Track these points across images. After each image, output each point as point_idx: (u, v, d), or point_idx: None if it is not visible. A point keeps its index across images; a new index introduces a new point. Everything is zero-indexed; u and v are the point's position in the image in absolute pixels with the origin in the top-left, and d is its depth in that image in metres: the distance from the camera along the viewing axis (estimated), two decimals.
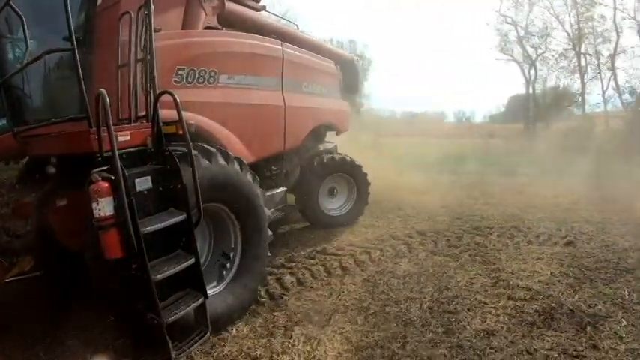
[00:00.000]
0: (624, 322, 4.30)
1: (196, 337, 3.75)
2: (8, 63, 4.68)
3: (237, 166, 4.47)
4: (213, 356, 3.93)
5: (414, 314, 4.62)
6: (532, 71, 37.51)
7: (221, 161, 4.28)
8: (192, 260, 3.65)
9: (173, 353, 3.47)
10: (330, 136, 8.99)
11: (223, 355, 3.93)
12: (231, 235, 4.68)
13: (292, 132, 6.55)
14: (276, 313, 4.72)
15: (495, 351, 3.87)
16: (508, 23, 37.17)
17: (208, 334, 3.82)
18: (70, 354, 4.04)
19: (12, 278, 4.19)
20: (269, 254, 5.05)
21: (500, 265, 5.99)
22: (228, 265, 4.63)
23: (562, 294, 4.98)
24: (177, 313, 3.47)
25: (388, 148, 22.03)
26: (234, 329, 4.37)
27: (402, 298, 5.02)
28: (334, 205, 8.51)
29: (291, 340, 4.13)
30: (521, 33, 36.81)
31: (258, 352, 3.94)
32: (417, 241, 7.31)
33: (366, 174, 8.61)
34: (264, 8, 6.98)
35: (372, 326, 4.39)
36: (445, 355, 3.83)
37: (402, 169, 15.62)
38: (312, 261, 6.42)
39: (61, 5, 3.43)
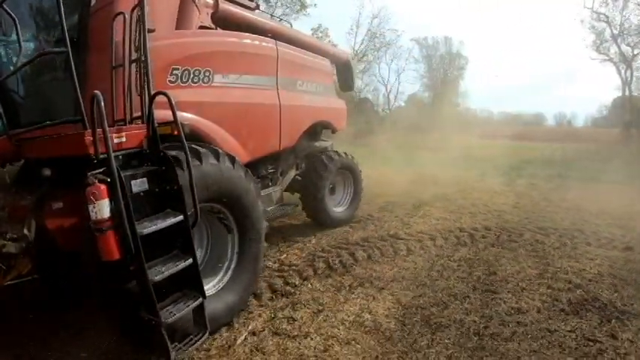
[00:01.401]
0: None
1: (195, 338, 3.76)
2: (2, 65, 4.66)
3: (230, 165, 4.46)
4: (290, 300, 5.12)
5: (459, 289, 5.37)
6: (628, 72, 35.83)
7: (214, 161, 4.27)
8: (190, 261, 3.65)
9: (172, 354, 3.47)
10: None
11: (298, 300, 5.11)
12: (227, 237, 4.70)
13: (288, 131, 6.55)
14: (344, 277, 5.83)
15: (519, 325, 4.44)
16: (602, 21, 35.68)
17: (207, 334, 3.82)
18: (67, 356, 4.04)
19: (10, 282, 4.18)
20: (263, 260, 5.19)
21: (551, 261, 6.39)
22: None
23: (601, 290, 5.30)
24: (175, 314, 3.46)
25: (478, 149, 23.31)
26: (309, 284, 5.61)
27: (453, 277, 5.79)
28: (335, 202, 8.61)
29: (352, 295, 5.23)
30: (616, 31, 35.17)
31: (325, 301, 5.08)
32: (480, 234, 7.88)
33: (360, 171, 8.86)
34: (257, 7, 6.98)
35: (420, 294, 5.25)
36: (474, 322, 4.52)
37: (486, 171, 17.00)
38: (383, 242, 7.39)
39: (54, 6, 3.42)
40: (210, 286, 4.40)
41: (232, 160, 4.49)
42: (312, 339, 4.24)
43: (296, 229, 8.28)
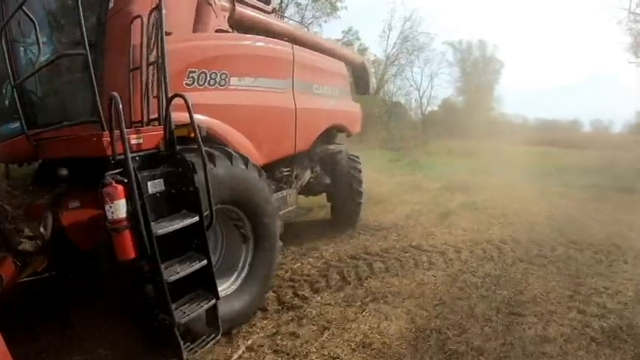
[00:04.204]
0: None
1: (207, 339, 3.79)
2: (21, 66, 4.71)
3: (245, 167, 4.50)
4: (296, 313, 4.90)
5: (481, 310, 4.93)
6: None
7: (229, 163, 4.31)
8: (205, 262, 3.68)
9: (184, 354, 3.51)
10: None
11: (304, 314, 4.88)
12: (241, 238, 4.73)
13: (303, 134, 6.54)
14: (358, 290, 5.54)
15: (543, 356, 3.98)
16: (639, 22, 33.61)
17: (219, 335, 3.85)
18: (81, 354, 4.08)
19: (25, 279, 4.22)
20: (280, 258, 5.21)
21: (584, 280, 5.84)
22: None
23: (638, 317, 4.76)
24: (189, 315, 3.50)
25: (512, 156, 22.89)
26: (319, 297, 5.35)
27: (475, 295, 5.36)
28: None
29: (363, 313, 4.89)
30: None
31: (333, 317, 4.81)
32: (508, 248, 7.42)
33: None
34: (274, 11, 7.00)
35: (437, 314, 4.87)
36: (495, 349, 4.10)
37: (519, 178, 16.12)
38: (405, 254, 7.06)
39: (73, 9, 3.46)
40: (224, 287, 4.43)
41: (247, 162, 4.52)
42: None
43: (315, 235, 8.18)
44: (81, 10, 3.40)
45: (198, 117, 3.99)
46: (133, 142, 3.61)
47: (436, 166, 20.12)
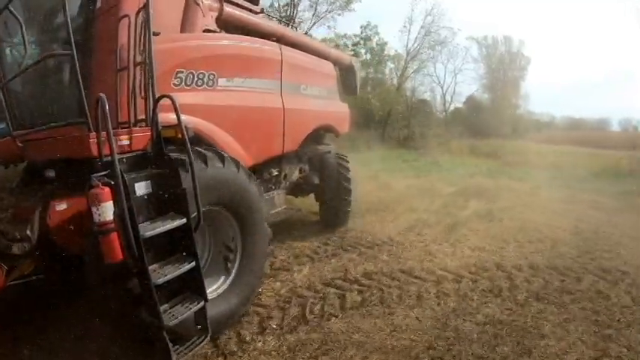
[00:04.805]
0: None
1: (196, 341, 3.76)
2: (7, 67, 4.67)
3: (234, 168, 4.49)
4: None
5: None
6: None
7: (218, 164, 4.30)
8: (193, 264, 3.65)
9: (173, 357, 3.47)
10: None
11: None
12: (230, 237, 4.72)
13: (291, 134, 6.54)
14: (313, 335, 4.35)
15: None
16: None
17: (208, 337, 3.83)
18: (69, 357, 4.04)
19: (13, 282, 4.19)
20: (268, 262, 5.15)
21: (615, 332, 4.42)
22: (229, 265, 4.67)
23: None
24: (177, 317, 3.47)
25: (537, 156, 21.78)
26: (262, 341, 4.25)
27: (465, 353, 4.04)
28: None
29: None
30: None
31: None
32: (522, 277, 5.96)
33: None
34: (262, 11, 6.99)
35: None
36: None
37: (544, 183, 14.82)
38: (390, 281, 5.77)
39: (60, 9, 3.44)
40: (212, 289, 4.41)
41: (236, 163, 4.51)
42: None
43: (294, 250, 7.14)
44: (67, 9, 3.37)
45: (185, 118, 3.97)
46: (120, 143, 3.60)
47: (455, 167, 18.84)
